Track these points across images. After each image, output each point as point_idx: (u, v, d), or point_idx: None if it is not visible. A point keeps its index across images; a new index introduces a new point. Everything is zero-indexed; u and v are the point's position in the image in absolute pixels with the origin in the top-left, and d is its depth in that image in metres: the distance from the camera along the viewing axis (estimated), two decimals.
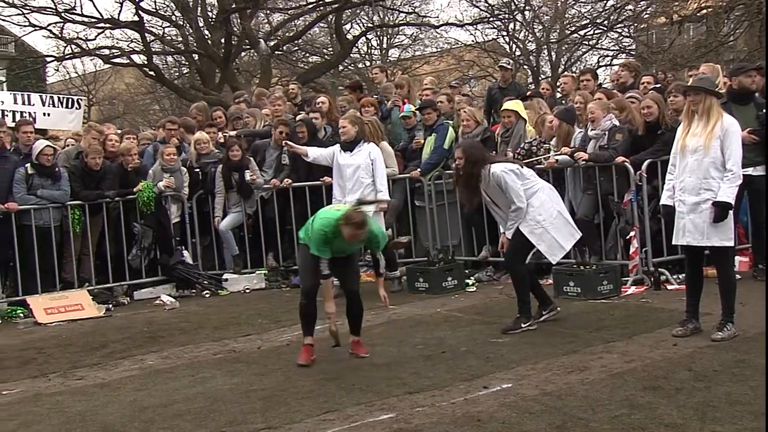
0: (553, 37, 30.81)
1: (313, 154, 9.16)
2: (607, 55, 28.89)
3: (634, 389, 4.90)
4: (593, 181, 8.69)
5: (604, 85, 12.42)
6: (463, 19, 28.99)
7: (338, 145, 9.06)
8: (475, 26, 28.49)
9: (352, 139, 8.88)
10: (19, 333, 8.48)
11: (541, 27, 31.00)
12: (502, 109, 9.65)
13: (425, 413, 4.77)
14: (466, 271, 9.51)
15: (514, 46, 32.40)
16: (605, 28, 26.39)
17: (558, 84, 12.23)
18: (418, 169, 9.92)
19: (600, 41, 28.37)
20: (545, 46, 31.36)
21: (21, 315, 9.21)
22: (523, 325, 6.63)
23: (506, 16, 28.45)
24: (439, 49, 34.04)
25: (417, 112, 10.33)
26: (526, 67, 32.12)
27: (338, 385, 5.52)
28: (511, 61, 13.95)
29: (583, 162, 8.60)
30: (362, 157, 8.85)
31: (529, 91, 12.24)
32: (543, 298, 6.97)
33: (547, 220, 6.58)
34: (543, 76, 29.60)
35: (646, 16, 24.63)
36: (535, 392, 4.99)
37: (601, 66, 27.43)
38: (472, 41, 31.35)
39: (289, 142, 9.65)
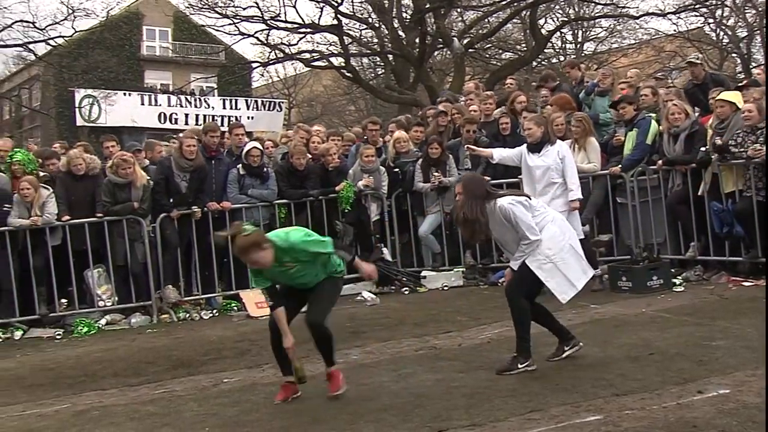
0: None
1: (499, 155, 8.97)
2: None
3: None
4: None
5: None
6: (665, 7, 27.74)
7: (525, 145, 8.85)
8: (678, 15, 27.17)
9: (538, 140, 8.65)
10: (234, 325, 8.99)
11: (753, 11, 29.04)
12: (716, 98, 9.11)
13: (635, 416, 4.60)
14: (672, 270, 9.09)
15: (721, 33, 30.63)
16: None
17: None
18: (619, 166, 9.59)
19: None
20: (758, 31, 29.36)
21: (235, 309, 9.78)
22: (519, 366, 5.82)
23: (714, 2, 26.88)
24: (637, 41, 32.78)
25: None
26: (734, 55, 30.28)
27: (542, 384, 5.44)
28: (701, 56, 13.14)
29: None
30: (551, 158, 8.59)
31: (746, 80, 11.47)
32: (560, 331, 6.17)
33: (557, 255, 5.89)
34: (754, 64, 27.76)
35: None
36: (758, 400, 4.64)
37: None
38: (674, 30, 29.93)
39: (471, 146, 9.58)
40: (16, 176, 9.66)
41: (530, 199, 6.12)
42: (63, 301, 9.67)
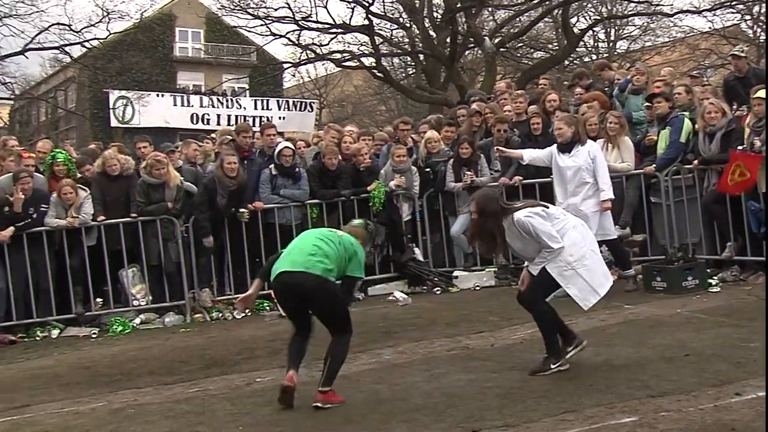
0: None
1: (529, 156, 8.89)
2: None
3: None
4: None
5: None
6: (700, 4, 27.33)
7: (555, 145, 8.77)
8: (713, 11, 26.75)
9: (568, 140, 8.57)
10: (266, 325, 9.01)
11: None
12: (754, 96, 8.98)
13: (671, 418, 4.55)
14: (708, 271, 8.97)
15: (759, 30, 30.13)
16: None
17: None
18: (653, 165, 9.49)
19: None
20: None
21: (267, 308, 9.80)
22: (552, 366, 5.81)
23: None
24: (671, 39, 32.37)
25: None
26: None
27: (576, 385, 5.40)
28: (746, 49, 12.93)
29: None
30: (582, 158, 8.52)
31: None
32: (563, 332, 6.06)
33: (579, 261, 5.82)
34: None
35: None
36: None
37: None
38: (710, 28, 29.49)
39: (501, 148, 9.52)
40: (57, 177, 9.80)
41: (547, 207, 6.08)
42: (98, 300, 9.80)
